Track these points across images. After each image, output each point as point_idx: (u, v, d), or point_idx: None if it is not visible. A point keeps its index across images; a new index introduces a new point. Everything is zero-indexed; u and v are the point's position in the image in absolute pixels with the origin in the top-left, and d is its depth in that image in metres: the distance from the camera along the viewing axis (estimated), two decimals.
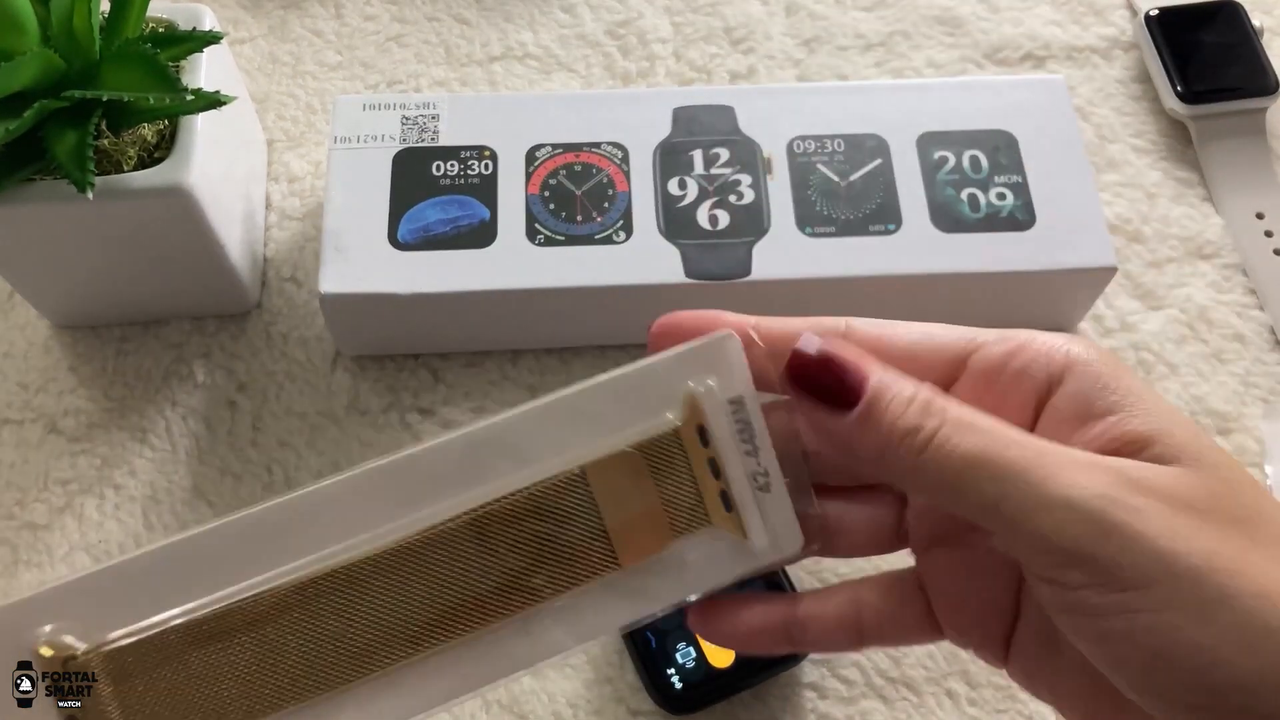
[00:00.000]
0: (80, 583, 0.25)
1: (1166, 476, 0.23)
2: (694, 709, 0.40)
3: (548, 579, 0.26)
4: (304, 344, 0.47)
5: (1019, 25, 0.56)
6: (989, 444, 0.23)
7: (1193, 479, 0.23)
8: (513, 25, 0.56)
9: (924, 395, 0.24)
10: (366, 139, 0.46)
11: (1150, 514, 0.22)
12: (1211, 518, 0.22)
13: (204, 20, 0.43)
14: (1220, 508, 0.23)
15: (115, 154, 0.40)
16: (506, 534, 0.26)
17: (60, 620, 0.25)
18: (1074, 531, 0.22)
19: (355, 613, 0.25)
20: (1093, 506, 0.22)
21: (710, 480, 0.27)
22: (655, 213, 0.45)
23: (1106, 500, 0.22)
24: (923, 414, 0.24)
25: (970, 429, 0.23)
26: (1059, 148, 0.47)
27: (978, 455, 0.23)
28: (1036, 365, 0.25)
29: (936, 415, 0.23)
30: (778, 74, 0.55)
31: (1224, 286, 0.49)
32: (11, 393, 0.46)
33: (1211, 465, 0.23)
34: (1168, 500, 0.22)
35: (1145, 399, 0.24)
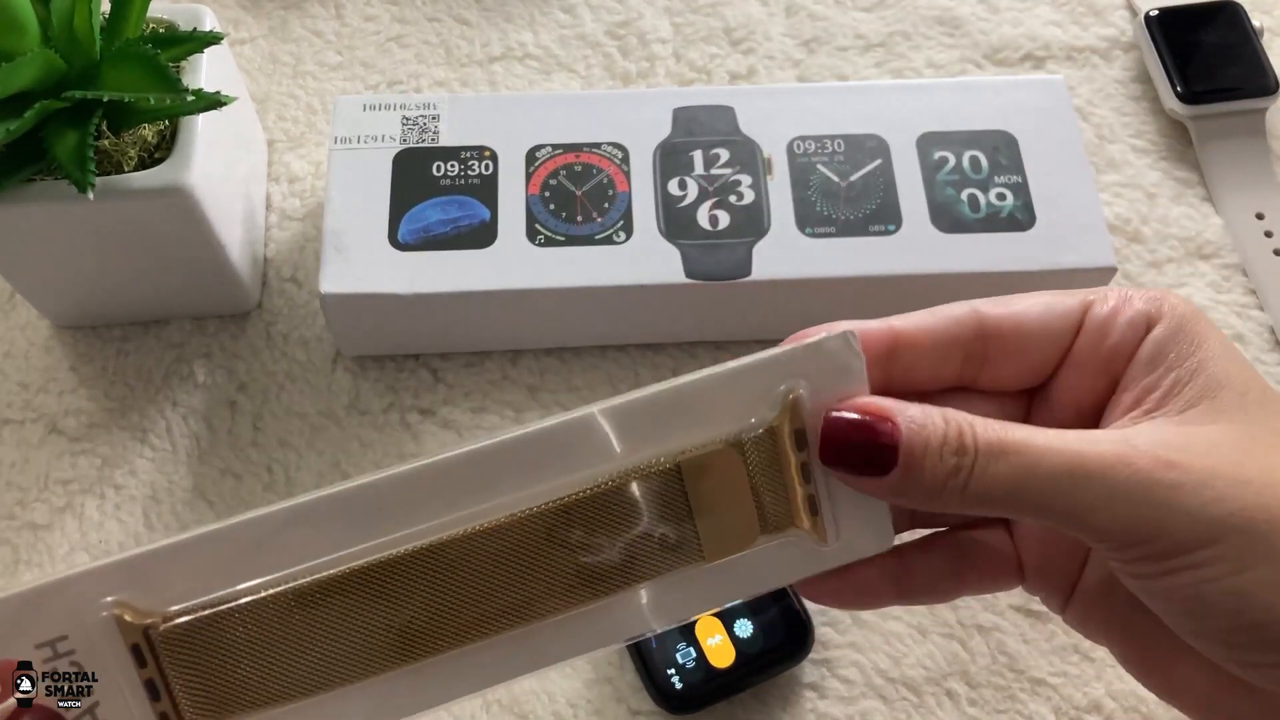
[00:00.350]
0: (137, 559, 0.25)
1: (1206, 437, 0.25)
2: (694, 709, 0.40)
3: (632, 567, 0.27)
4: (304, 344, 0.47)
5: (1019, 25, 0.56)
6: (1023, 465, 0.25)
7: (1234, 433, 0.25)
8: (513, 25, 0.56)
9: (953, 431, 0.25)
10: (367, 139, 0.46)
11: (1187, 487, 0.24)
12: (1249, 469, 0.24)
13: (204, 21, 0.43)
14: (1259, 457, 0.25)
15: (116, 154, 0.40)
16: (596, 521, 0.26)
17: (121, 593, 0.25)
18: (1121, 522, 0.24)
19: (443, 593, 0.26)
20: (1134, 495, 0.24)
21: (799, 485, 0.27)
22: (655, 213, 0.45)
23: (1146, 485, 0.24)
24: (957, 453, 0.25)
25: (1002, 454, 0.25)
26: (1059, 148, 0.47)
27: (1016, 480, 0.25)
28: (1137, 319, 0.27)
29: (969, 450, 0.25)
30: (778, 74, 0.55)
31: (1224, 286, 0.49)
32: (12, 393, 0.46)
33: (1256, 413, 0.26)
34: (1206, 462, 0.24)
35: (1209, 351, 0.26)
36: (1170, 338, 0.27)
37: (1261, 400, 0.26)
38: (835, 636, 0.42)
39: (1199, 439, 0.25)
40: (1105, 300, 0.28)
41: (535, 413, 0.46)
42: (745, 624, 0.40)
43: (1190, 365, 0.26)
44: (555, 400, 0.46)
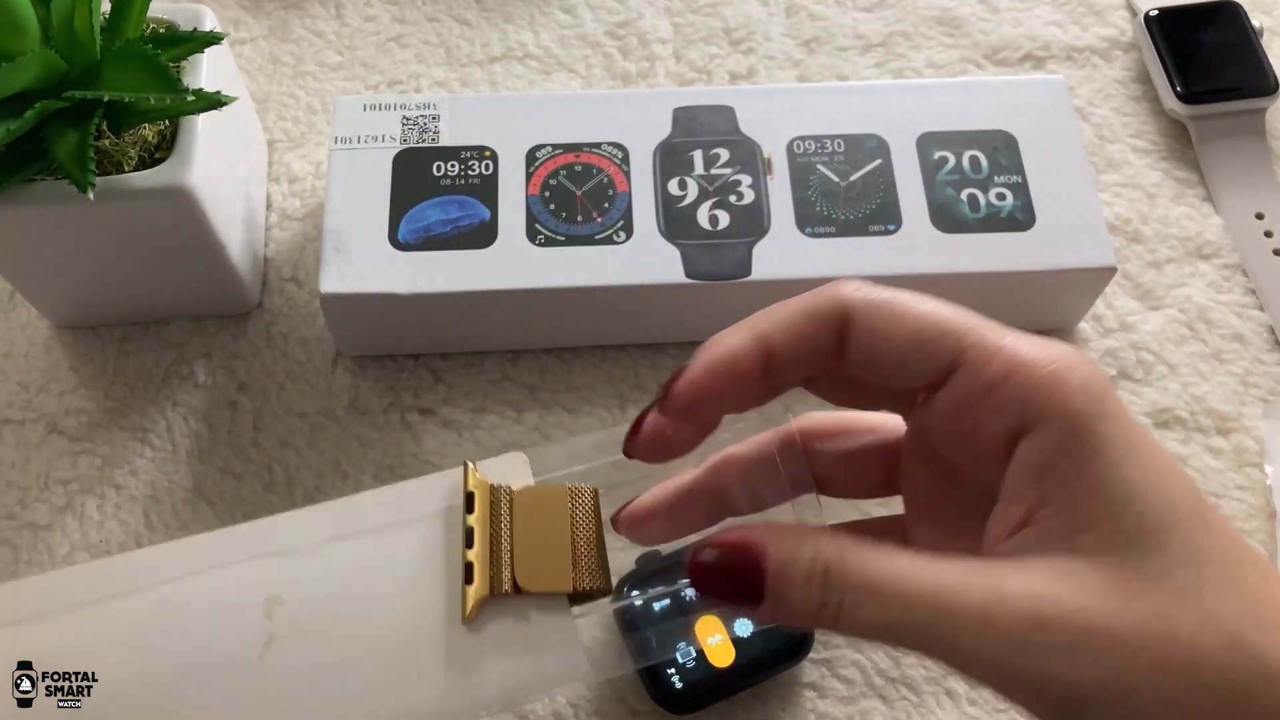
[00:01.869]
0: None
1: (1083, 583, 0.23)
2: (694, 709, 0.40)
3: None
4: (304, 344, 0.47)
5: (1019, 26, 0.56)
6: (891, 610, 0.23)
7: (1121, 573, 0.23)
8: (513, 26, 0.56)
9: (820, 566, 0.24)
10: (367, 139, 0.46)
11: (1054, 650, 0.22)
12: (1124, 621, 0.22)
13: (205, 21, 0.43)
14: (1142, 605, 0.22)
15: (116, 154, 0.40)
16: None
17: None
18: (992, 677, 0.23)
19: None
20: (999, 655, 0.23)
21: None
22: (655, 213, 0.45)
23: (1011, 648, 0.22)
24: (824, 591, 0.23)
25: (869, 597, 0.23)
26: (1059, 148, 0.47)
27: (886, 623, 0.23)
28: (1010, 406, 0.24)
29: (837, 590, 0.23)
30: (778, 74, 0.55)
31: (1223, 286, 0.49)
32: (12, 393, 0.46)
33: (1156, 540, 0.23)
34: (1078, 619, 0.22)
35: (1108, 461, 0.23)
36: (1057, 448, 0.23)
37: (1164, 523, 0.23)
38: (835, 636, 0.42)
39: (1074, 586, 0.23)
40: (985, 364, 0.24)
41: (535, 413, 0.46)
42: (745, 624, 0.40)
43: (1081, 483, 0.23)
44: (555, 400, 0.46)
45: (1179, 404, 0.46)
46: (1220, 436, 0.46)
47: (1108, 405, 0.24)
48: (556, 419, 0.46)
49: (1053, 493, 0.23)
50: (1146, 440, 0.24)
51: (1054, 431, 0.23)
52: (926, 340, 0.25)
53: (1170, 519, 0.23)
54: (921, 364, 0.25)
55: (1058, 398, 0.23)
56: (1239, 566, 0.23)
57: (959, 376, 0.25)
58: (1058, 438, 0.23)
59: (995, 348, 0.24)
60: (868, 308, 0.25)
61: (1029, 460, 0.24)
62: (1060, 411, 0.23)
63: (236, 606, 0.25)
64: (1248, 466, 0.45)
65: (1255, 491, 0.45)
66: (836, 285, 0.26)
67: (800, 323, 0.26)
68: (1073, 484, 0.23)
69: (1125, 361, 0.47)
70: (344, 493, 0.44)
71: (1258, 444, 0.46)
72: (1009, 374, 0.24)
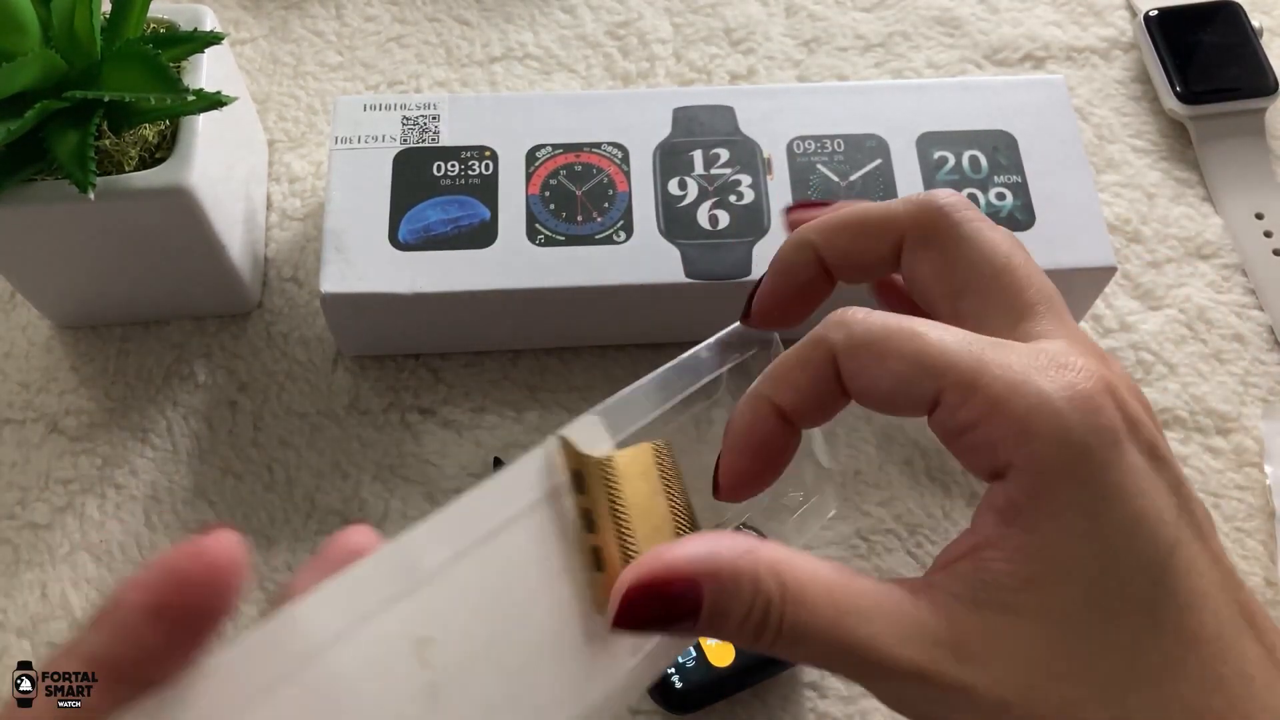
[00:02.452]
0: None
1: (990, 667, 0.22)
2: (694, 709, 0.40)
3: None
4: (305, 344, 0.47)
5: (1018, 26, 0.56)
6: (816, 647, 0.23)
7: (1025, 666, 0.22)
8: (513, 26, 0.56)
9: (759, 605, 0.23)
10: (367, 139, 0.46)
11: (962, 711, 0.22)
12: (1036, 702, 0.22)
13: (205, 21, 0.43)
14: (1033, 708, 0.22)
15: (116, 154, 0.40)
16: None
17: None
18: (903, 698, 0.23)
19: None
20: (914, 708, 0.23)
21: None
22: (655, 213, 0.45)
23: (926, 669, 0.22)
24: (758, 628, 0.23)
25: (798, 639, 0.23)
26: (1058, 148, 0.47)
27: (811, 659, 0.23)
28: (982, 451, 0.23)
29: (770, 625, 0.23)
30: (778, 74, 0.55)
31: (1223, 286, 0.49)
32: (12, 392, 0.47)
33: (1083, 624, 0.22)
34: (978, 699, 0.22)
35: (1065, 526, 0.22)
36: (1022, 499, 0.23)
37: (1107, 605, 0.22)
38: None
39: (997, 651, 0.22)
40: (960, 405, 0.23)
41: (535, 413, 0.46)
42: None
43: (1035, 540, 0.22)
44: (555, 400, 0.46)
45: (1179, 404, 0.46)
46: (1220, 436, 0.46)
47: (1083, 467, 0.22)
48: (556, 419, 0.46)
49: (1006, 540, 0.23)
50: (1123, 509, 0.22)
51: (1018, 483, 0.23)
52: (907, 381, 0.24)
53: (1116, 603, 0.22)
54: (908, 405, 0.25)
55: (1026, 449, 0.22)
56: (1180, 669, 0.22)
57: (937, 414, 0.24)
58: (1021, 490, 0.23)
59: (971, 389, 0.23)
60: (849, 350, 0.25)
61: (996, 499, 0.23)
62: (1026, 464, 0.22)
63: (391, 663, 0.22)
64: (1247, 466, 0.45)
65: (1255, 491, 0.45)
66: (825, 327, 0.26)
67: (797, 376, 0.26)
68: (1028, 538, 0.22)
69: (1125, 362, 0.47)
70: (344, 493, 0.44)
71: (1257, 444, 0.46)
72: (981, 418, 0.23)
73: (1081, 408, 0.22)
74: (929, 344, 0.24)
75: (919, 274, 0.27)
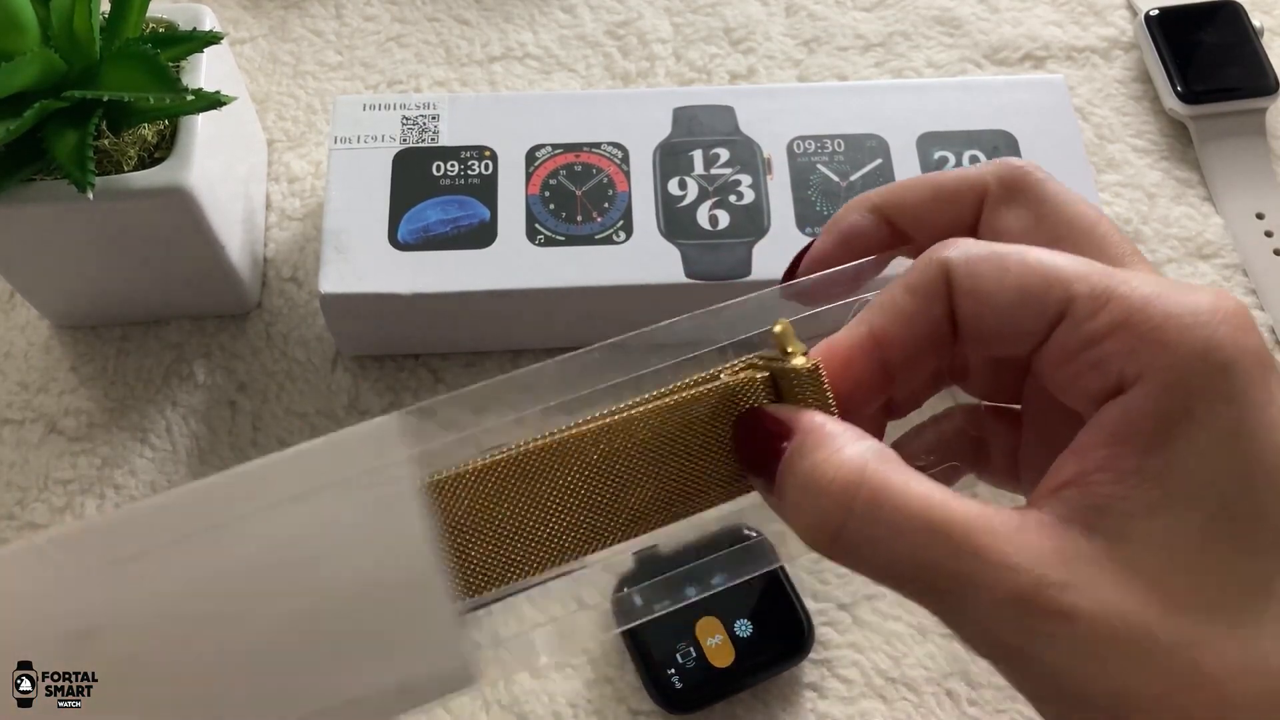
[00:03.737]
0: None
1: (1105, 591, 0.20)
2: (694, 709, 0.40)
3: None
4: (304, 344, 0.47)
5: (1019, 25, 0.56)
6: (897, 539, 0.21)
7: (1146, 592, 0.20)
8: (513, 25, 0.56)
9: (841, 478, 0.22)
10: (367, 139, 0.46)
11: (1060, 651, 0.20)
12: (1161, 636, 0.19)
13: (204, 20, 0.43)
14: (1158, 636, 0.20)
15: (115, 154, 0.40)
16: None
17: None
18: (984, 651, 0.21)
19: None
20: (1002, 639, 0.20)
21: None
22: (655, 213, 0.45)
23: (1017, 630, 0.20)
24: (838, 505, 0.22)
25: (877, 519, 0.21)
26: (1059, 148, 0.47)
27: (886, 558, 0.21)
28: (1109, 363, 0.21)
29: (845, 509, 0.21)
30: (778, 74, 0.55)
31: (1224, 286, 0.49)
32: (12, 393, 0.46)
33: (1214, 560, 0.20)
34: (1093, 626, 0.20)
35: (1197, 445, 0.20)
36: (1145, 414, 0.20)
37: (1243, 534, 0.20)
38: (835, 636, 0.42)
39: (1110, 579, 0.20)
40: (1090, 316, 0.21)
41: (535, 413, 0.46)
42: (745, 624, 0.40)
43: (1157, 461, 0.20)
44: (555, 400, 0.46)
45: None
46: None
47: (1227, 381, 0.20)
48: (556, 419, 0.46)
49: (1120, 461, 0.20)
50: (1267, 435, 0.20)
51: (1147, 396, 0.20)
52: (1032, 292, 0.22)
53: (1254, 532, 0.20)
54: (1029, 319, 0.22)
55: (1163, 359, 0.20)
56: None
57: (1061, 329, 0.22)
58: (1150, 403, 0.20)
59: (1106, 296, 0.21)
60: (967, 264, 0.23)
61: (1110, 418, 0.21)
62: (1161, 375, 0.20)
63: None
64: None
65: None
66: (936, 247, 0.24)
67: (904, 300, 0.24)
68: (1147, 459, 0.20)
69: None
70: None
71: None
72: (1115, 328, 0.21)
73: (1229, 322, 0.20)
74: (1056, 258, 0.22)
75: (1009, 230, 0.25)
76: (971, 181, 0.26)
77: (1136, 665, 0.19)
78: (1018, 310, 0.22)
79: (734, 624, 0.40)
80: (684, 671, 0.39)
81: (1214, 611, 0.20)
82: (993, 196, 0.26)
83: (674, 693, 0.39)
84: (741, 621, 0.40)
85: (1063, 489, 0.21)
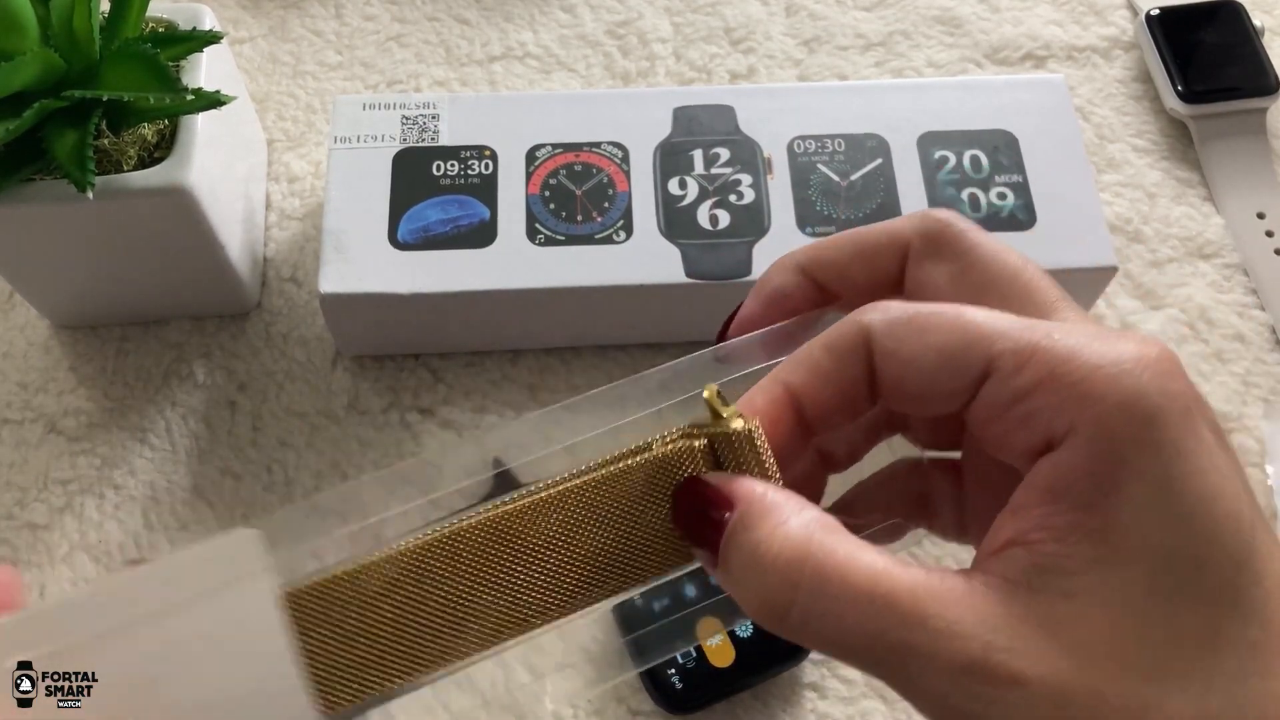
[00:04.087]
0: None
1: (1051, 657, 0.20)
2: (694, 709, 0.40)
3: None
4: (304, 344, 0.47)
5: (1019, 25, 0.56)
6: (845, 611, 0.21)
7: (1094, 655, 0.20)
8: (513, 25, 0.56)
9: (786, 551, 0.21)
10: (366, 139, 0.46)
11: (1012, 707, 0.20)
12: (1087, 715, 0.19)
13: (204, 20, 0.43)
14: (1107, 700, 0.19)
15: (115, 154, 0.40)
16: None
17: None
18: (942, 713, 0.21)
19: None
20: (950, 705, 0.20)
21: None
22: (655, 213, 0.45)
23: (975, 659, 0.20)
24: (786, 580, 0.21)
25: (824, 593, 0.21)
26: (1059, 147, 0.47)
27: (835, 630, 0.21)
28: (1037, 419, 0.21)
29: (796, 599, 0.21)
30: (778, 74, 0.55)
31: (1224, 286, 0.49)
32: (11, 393, 0.46)
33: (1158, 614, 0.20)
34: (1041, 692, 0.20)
35: (1130, 497, 0.20)
36: (1078, 470, 0.20)
37: (1183, 589, 0.20)
38: None
39: (1058, 642, 0.20)
40: (1015, 372, 0.21)
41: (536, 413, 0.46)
42: (746, 624, 0.40)
43: (1096, 518, 0.20)
44: (555, 400, 0.46)
45: None
46: None
47: (1156, 431, 0.20)
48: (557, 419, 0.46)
49: (1057, 518, 0.20)
50: (1201, 482, 0.20)
51: (1078, 451, 0.20)
52: (953, 353, 0.22)
53: (1194, 586, 0.20)
54: (951, 380, 0.22)
55: (1089, 412, 0.20)
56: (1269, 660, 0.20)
57: (988, 386, 0.22)
58: (1081, 459, 0.20)
59: (1030, 351, 0.21)
60: (888, 327, 0.23)
61: (1044, 476, 0.21)
62: (1089, 429, 0.20)
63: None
64: (1249, 466, 0.45)
65: (1256, 492, 0.45)
66: (857, 311, 0.24)
67: (821, 359, 0.24)
68: (1085, 516, 0.20)
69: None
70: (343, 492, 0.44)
71: (1259, 444, 0.45)
72: (1039, 383, 0.21)
73: (1152, 369, 0.20)
74: (977, 316, 0.22)
75: (932, 284, 0.26)
76: (893, 235, 0.26)
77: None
78: (940, 372, 0.22)
79: (734, 623, 0.40)
80: (684, 671, 0.39)
81: (1163, 670, 0.20)
82: (915, 251, 0.26)
83: (674, 693, 0.39)
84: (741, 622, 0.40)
85: (1005, 550, 0.21)
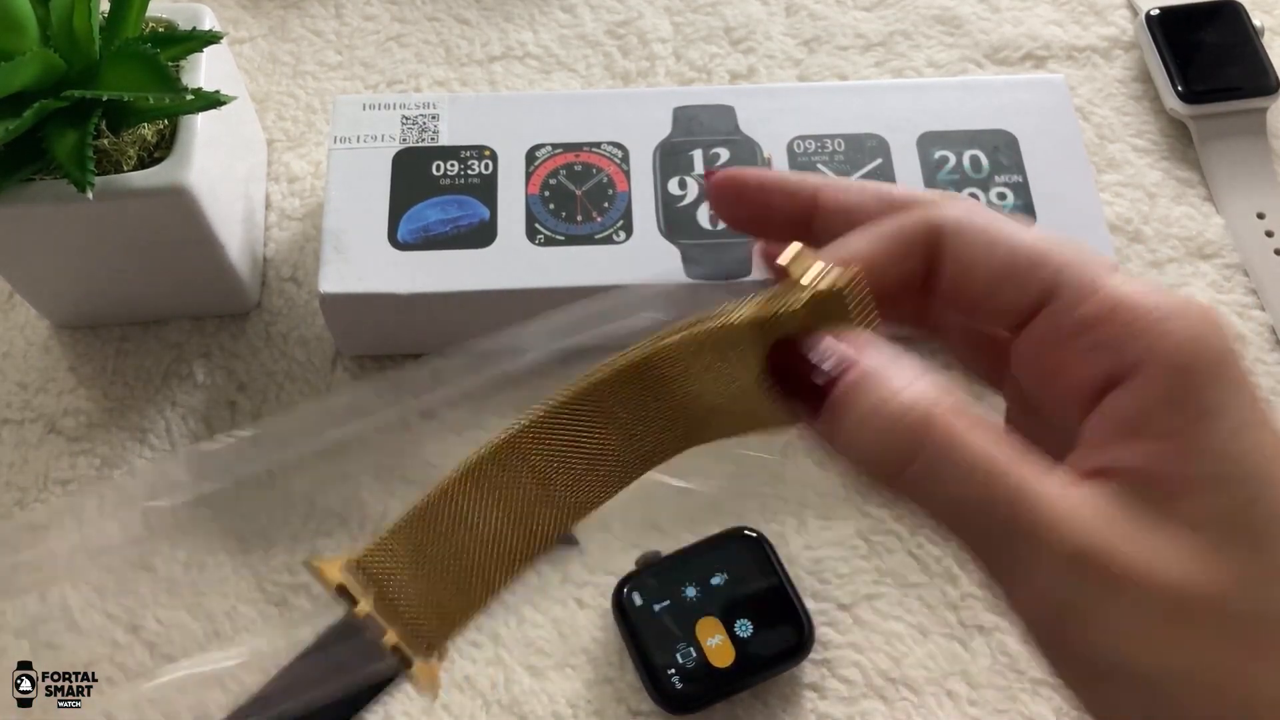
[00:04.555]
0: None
1: (1168, 561, 0.19)
2: (694, 709, 0.40)
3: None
4: (304, 344, 0.47)
5: (1019, 25, 0.56)
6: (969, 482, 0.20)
7: (1211, 564, 0.19)
8: (513, 25, 0.56)
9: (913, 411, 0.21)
10: (366, 139, 0.46)
11: (1118, 616, 0.19)
12: (1209, 618, 0.19)
13: (204, 20, 0.43)
14: (1230, 604, 0.19)
15: (115, 154, 0.40)
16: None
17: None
18: (1029, 613, 0.21)
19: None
20: (1057, 598, 0.20)
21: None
22: (655, 213, 0.45)
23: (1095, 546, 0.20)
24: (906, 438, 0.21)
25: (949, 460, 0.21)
26: (1059, 147, 0.47)
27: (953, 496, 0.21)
28: (1105, 349, 0.21)
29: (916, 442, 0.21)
30: (778, 74, 0.55)
31: (1224, 286, 0.49)
32: (11, 393, 0.46)
33: (1263, 534, 0.20)
34: (1155, 593, 0.19)
35: (1212, 437, 0.20)
36: (1158, 401, 0.20)
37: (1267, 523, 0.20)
38: (835, 636, 0.42)
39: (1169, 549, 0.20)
40: (1080, 301, 0.21)
41: None
42: (745, 624, 0.40)
43: (1185, 444, 0.20)
44: None
45: None
46: None
47: (1225, 369, 0.20)
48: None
49: (1145, 449, 0.20)
50: (1267, 420, 0.20)
51: (1155, 383, 0.20)
52: (1020, 268, 0.22)
53: (1240, 514, 0.20)
54: (1013, 295, 0.22)
55: (1163, 347, 0.20)
56: None
57: (1050, 310, 0.22)
58: (1160, 390, 0.20)
59: (1093, 286, 0.21)
60: (960, 230, 0.23)
61: (1120, 410, 0.21)
62: (1165, 361, 0.20)
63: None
64: None
65: None
66: (933, 203, 0.23)
67: (892, 241, 0.23)
68: (1173, 443, 0.20)
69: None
70: (343, 494, 0.44)
71: None
72: (1108, 314, 0.21)
73: (1207, 318, 0.21)
74: (1049, 241, 0.22)
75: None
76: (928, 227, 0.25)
77: (1210, 634, 0.19)
78: (1003, 283, 0.22)
79: (734, 624, 0.40)
80: (684, 671, 0.39)
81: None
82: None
83: (674, 693, 0.39)
84: (741, 621, 0.40)
85: (1091, 480, 0.21)
